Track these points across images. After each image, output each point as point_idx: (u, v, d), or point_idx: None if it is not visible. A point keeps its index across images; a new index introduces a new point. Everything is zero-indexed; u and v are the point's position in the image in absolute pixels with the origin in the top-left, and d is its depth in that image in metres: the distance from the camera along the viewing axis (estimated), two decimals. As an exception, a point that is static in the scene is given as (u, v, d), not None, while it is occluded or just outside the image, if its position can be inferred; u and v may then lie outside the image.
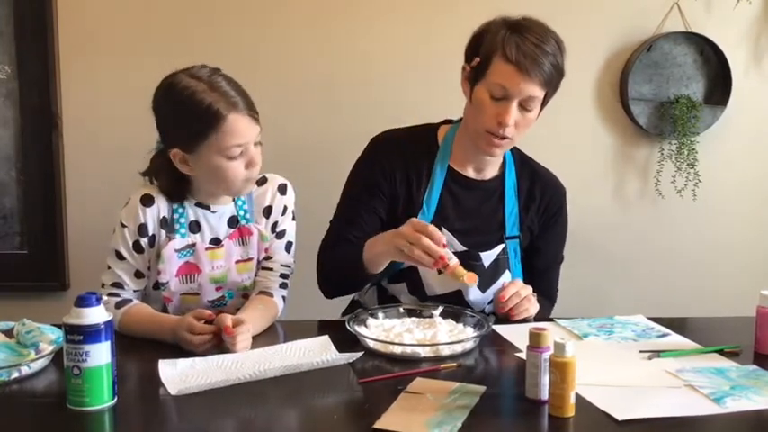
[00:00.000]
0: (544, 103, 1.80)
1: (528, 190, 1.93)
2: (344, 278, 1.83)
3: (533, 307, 1.79)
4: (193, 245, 1.71)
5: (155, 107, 1.66)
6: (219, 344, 1.54)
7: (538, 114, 1.80)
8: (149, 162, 1.72)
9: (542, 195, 1.94)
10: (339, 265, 1.83)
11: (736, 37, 2.57)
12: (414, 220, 1.63)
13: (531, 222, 1.93)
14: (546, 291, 1.98)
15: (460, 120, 1.90)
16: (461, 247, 1.84)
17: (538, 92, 1.73)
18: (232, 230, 1.75)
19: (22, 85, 2.42)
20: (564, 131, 2.53)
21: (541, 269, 1.98)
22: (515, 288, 1.75)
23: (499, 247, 1.87)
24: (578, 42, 2.47)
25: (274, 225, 1.79)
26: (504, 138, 1.76)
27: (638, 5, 2.52)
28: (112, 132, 2.44)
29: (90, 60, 2.42)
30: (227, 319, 1.52)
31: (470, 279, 1.59)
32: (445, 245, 1.59)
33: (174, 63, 1.59)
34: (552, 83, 1.75)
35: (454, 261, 1.59)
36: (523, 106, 1.74)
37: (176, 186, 1.70)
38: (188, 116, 1.58)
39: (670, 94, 2.55)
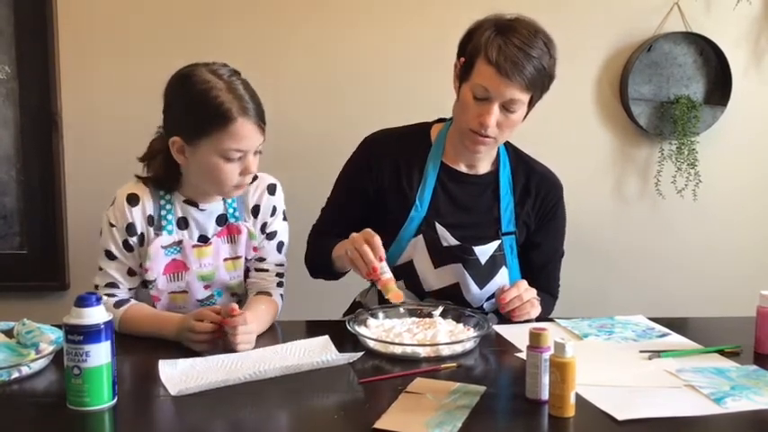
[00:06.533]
0: (531, 105, 1.79)
1: (524, 185, 1.93)
2: (319, 266, 1.93)
3: (535, 310, 1.79)
4: (180, 242, 1.71)
5: (167, 93, 1.66)
6: (221, 343, 1.54)
7: (525, 115, 1.79)
8: (147, 146, 1.73)
9: (538, 190, 1.93)
10: (316, 255, 1.94)
11: (736, 37, 2.57)
12: (367, 229, 1.67)
13: (527, 217, 1.93)
14: (547, 286, 1.98)
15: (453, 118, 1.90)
16: (455, 242, 1.84)
17: (519, 95, 1.72)
18: (220, 228, 1.75)
19: (21, 86, 2.43)
20: (564, 131, 2.54)
21: (541, 264, 1.98)
22: (517, 291, 1.75)
23: (495, 243, 1.86)
24: (578, 42, 2.48)
25: (264, 226, 1.79)
26: (486, 137, 1.77)
27: (638, 5, 2.52)
28: (112, 132, 2.44)
29: (90, 60, 2.42)
30: (233, 304, 1.54)
31: (395, 297, 1.64)
32: (382, 258, 1.63)
33: (173, 63, 1.59)
34: (537, 86, 1.74)
35: (387, 276, 1.64)
36: (506, 108, 1.74)
37: (168, 174, 1.69)
38: (199, 109, 1.58)
39: (670, 95, 2.55)
